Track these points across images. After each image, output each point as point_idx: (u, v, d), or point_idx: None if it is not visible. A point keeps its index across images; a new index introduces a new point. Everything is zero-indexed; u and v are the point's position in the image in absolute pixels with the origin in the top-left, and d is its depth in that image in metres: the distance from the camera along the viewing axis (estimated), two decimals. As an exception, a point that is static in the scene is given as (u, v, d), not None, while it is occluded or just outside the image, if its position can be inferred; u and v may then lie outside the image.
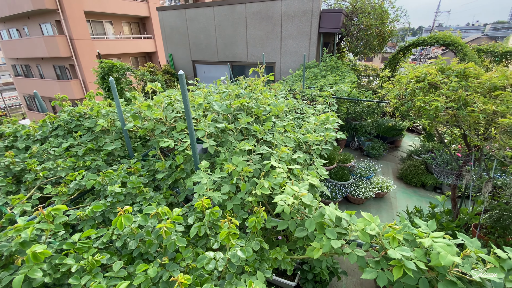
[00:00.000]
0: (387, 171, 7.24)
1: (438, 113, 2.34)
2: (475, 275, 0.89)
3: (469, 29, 54.28)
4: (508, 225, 3.12)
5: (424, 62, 10.57)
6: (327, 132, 2.13)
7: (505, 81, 2.16)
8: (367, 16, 5.82)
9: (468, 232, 3.60)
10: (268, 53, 6.44)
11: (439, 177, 4.30)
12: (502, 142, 1.92)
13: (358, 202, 5.93)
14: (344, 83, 4.16)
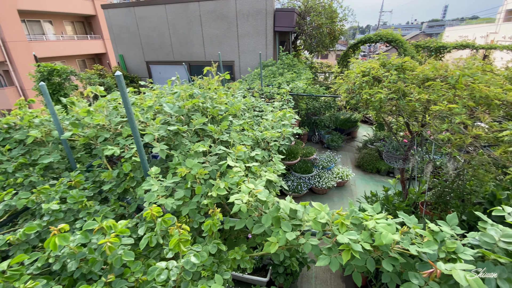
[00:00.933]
0: (346, 160, 7.72)
1: (382, 104, 2.55)
2: (413, 250, 0.96)
3: (409, 27, 60.54)
4: (449, 200, 3.53)
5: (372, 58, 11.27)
6: (283, 128, 2.17)
7: (436, 73, 2.43)
8: (318, 15, 6.10)
9: (416, 210, 4.00)
10: (226, 52, 6.38)
11: (389, 163, 4.73)
12: (435, 127, 2.15)
13: (322, 192, 6.22)
14: (300, 80, 4.31)
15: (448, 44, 8.75)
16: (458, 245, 0.99)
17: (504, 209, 1.24)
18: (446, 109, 2.03)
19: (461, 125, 2.03)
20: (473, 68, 2.49)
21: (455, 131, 2.04)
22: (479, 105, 2.19)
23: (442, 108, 2.05)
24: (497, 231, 1.04)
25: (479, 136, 1.96)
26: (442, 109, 2.06)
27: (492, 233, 1.03)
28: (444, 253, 0.98)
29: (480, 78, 2.40)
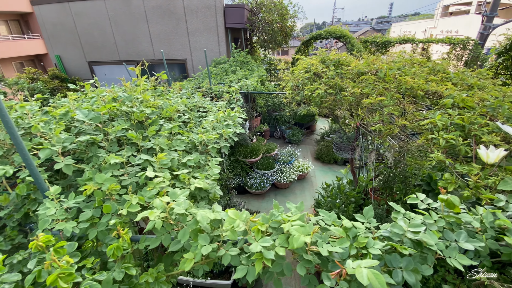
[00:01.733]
0: (306, 153, 7.95)
1: (323, 100, 2.60)
2: (324, 250, 0.94)
3: (360, 23, 64.70)
4: (393, 185, 3.79)
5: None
6: (224, 129, 2.09)
7: (368, 67, 2.54)
8: (269, 12, 6.10)
9: (367, 196, 4.25)
10: (177, 49, 6.09)
11: (339, 154, 4.97)
12: (368, 119, 2.25)
13: (284, 186, 6.32)
14: (252, 77, 4.26)
15: (392, 39, 9.41)
16: (369, 240, 1.00)
17: (418, 197, 1.30)
18: (376, 102, 2.13)
19: (390, 116, 2.15)
20: (400, 61, 2.66)
21: (385, 122, 2.15)
22: (407, 96, 2.34)
23: (372, 101, 2.14)
24: (405, 221, 1.08)
25: (405, 126, 2.09)
26: (372, 102, 2.15)
27: (401, 223, 1.07)
28: (355, 249, 0.97)
29: (407, 70, 2.57)
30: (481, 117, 1.88)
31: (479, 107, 1.86)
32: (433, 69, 2.60)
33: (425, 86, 2.23)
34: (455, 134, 1.75)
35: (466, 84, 2.39)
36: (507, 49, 5.42)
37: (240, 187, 6.05)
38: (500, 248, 1.06)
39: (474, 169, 1.58)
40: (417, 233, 1.00)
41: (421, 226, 1.01)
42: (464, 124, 1.74)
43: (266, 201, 5.91)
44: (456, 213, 1.12)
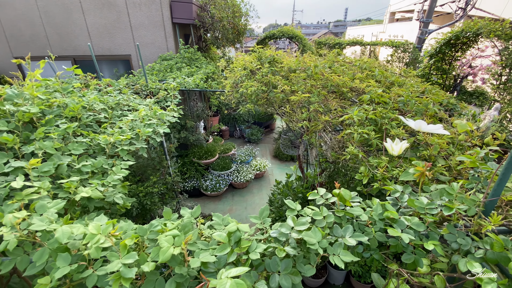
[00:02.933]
0: (265, 152, 7.99)
1: (258, 97, 2.55)
2: (194, 261, 0.84)
3: (319, 26, 67.97)
4: (337, 179, 3.93)
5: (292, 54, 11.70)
6: (138, 129, 1.90)
7: (298, 65, 2.56)
8: (220, 8, 5.96)
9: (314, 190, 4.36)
10: (120, 45, 5.64)
11: (286, 152, 5.09)
12: (298, 116, 2.25)
13: (242, 186, 6.25)
14: (198, 74, 4.09)
15: (343, 41, 9.90)
16: (252, 243, 0.93)
17: (318, 192, 1.28)
18: (301, 99, 2.13)
19: (316, 112, 2.17)
20: (331, 60, 2.73)
21: (311, 119, 2.17)
22: (333, 92, 2.39)
23: (297, 98, 2.14)
24: (294, 219, 1.03)
25: (328, 122, 2.13)
26: (298, 99, 2.15)
27: (289, 221, 1.02)
28: (235, 255, 0.89)
29: (336, 68, 2.64)
30: (395, 111, 1.98)
31: (392, 102, 1.95)
32: (360, 68, 2.70)
33: (350, 83, 2.29)
34: (369, 129, 1.81)
35: (388, 81, 2.53)
36: (437, 52, 5.98)
37: (195, 190, 5.82)
38: (388, 240, 1.06)
39: (383, 162, 1.63)
40: (300, 231, 0.95)
41: (305, 224, 0.97)
42: (377, 119, 1.80)
43: (223, 202, 5.77)
44: (348, 207, 1.12)
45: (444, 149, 1.66)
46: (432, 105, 1.88)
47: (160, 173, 3.82)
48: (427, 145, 1.66)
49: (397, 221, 1.08)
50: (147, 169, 3.82)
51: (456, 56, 6.02)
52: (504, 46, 4.94)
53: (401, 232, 1.03)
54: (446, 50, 5.81)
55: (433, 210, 1.07)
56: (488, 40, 5.20)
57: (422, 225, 1.04)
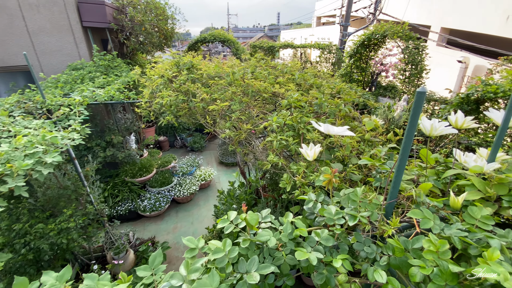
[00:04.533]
0: (210, 160, 7.71)
1: (178, 108, 2.33)
2: None
3: (255, 30, 70.27)
4: (276, 180, 3.95)
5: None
6: (9, 164, 1.49)
7: (218, 71, 2.42)
8: (139, 10, 5.47)
9: (258, 195, 4.33)
10: (14, 53, 4.68)
11: (226, 160, 5.00)
12: (222, 126, 2.11)
13: (186, 200, 5.85)
14: (115, 83, 3.61)
15: (277, 44, 10.26)
16: None
17: (228, 217, 1.14)
18: (220, 109, 2.00)
19: (239, 121, 2.06)
20: (253, 64, 2.68)
21: (236, 127, 2.06)
22: (255, 99, 2.32)
23: (218, 108, 2.00)
24: (187, 264, 0.87)
25: (252, 130, 2.05)
26: (218, 109, 2.01)
27: (182, 269, 0.84)
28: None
29: (259, 74, 2.59)
30: (311, 114, 2.00)
31: (308, 106, 1.97)
32: (282, 71, 2.72)
33: (270, 88, 2.26)
34: (288, 134, 1.77)
35: (308, 84, 2.59)
36: (355, 52, 6.60)
37: (131, 213, 5.20)
38: (299, 262, 0.98)
39: (301, 168, 1.60)
40: (193, 281, 0.79)
41: (198, 271, 0.81)
42: (293, 124, 1.78)
43: (166, 221, 5.30)
44: (254, 232, 1.00)
45: (356, 148, 1.72)
46: (343, 105, 1.95)
47: (77, 204, 3.24)
48: (340, 146, 1.69)
49: (308, 238, 1.01)
50: (60, 200, 3.20)
51: (371, 56, 6.76)
52: (405, 46, 5.72)
53: (311, 251, 0.96)
54: (362, 51, 6.47)
55: (341, 220, 1.04)
56: (393, 40, 5.97)
57: (331, 239, 0.99)
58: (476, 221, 0.97)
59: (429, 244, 0.85)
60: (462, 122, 1.31)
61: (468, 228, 0.94)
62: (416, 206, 1.10)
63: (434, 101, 5.73)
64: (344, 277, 1.13)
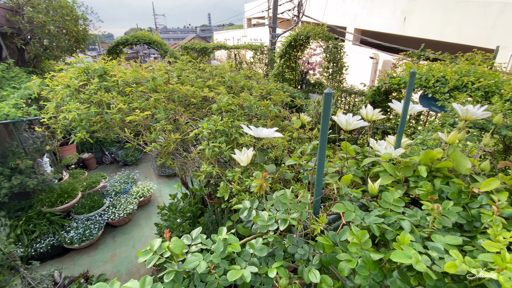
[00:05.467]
0: (148, 172, 7.08)
1: (90, 122, 2.00)
2: None
3: (186, 31, 68.09)
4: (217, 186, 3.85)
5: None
6: None
7: (137, 77, 2.18)
8: (39, 11, 4.61)
9: (205, 203, 4.15)
10: None
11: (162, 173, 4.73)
12: (145, 137, 1.89)
13: (123, 222, 5.22)
14: (10, 98, 2.93)
15: (209, 45, 10.07)
16: None
17: (151, 247, 0.99)
18: (142, 119, 1.79)
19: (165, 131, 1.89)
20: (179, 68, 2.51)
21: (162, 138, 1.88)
22: (183, 105, 2.18)
23: (138, 118, 1.79)
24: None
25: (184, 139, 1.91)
26: (139, 119, 1.80)
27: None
28: None
29: (186, 77, 2.43)
30: (242, 117, 1.96)
31: (239, 109, 1.93)
32: (211, 74, 2.62)
33: (199, 93, 2.14)
34: (221, 141, 1.70)
35: (239, 86, 2.56)
36: (284, 53, 6.94)
37: (55, 248, 4.37)
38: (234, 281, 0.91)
39: (237, 173, 1.55)
40: None
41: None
42: (225, 129, 1.71)
43: (101, 250, 4.63)
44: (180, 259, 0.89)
45: (287, 147, 1.75)
46: (272, 106, 1.98)
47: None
48: (273, 146, 1.70)
49: (242, 252, 0.95)
50: None
51: (298, 56, 7.22)
52: (326, 45, 6.29)
53: (245, 266, 0.90)
54: (290, 51, 6.85)
55: (274, 225, 1.01)
56: (315, 41, 6.49)
57: (265, 249, 0.95)
58: (390, 205, 1.06)
59: (352, 237, 0.88)
60: (371, 115, 1.45)
61: (384, 213, 1.02)
62: (341, 198, 1.16)
63: (354, 94, 6.46)
64: (285, 280, 1.11)
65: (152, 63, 2.92)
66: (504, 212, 0.93)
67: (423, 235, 0.96)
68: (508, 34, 7.77)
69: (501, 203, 0.95)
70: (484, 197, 1.02)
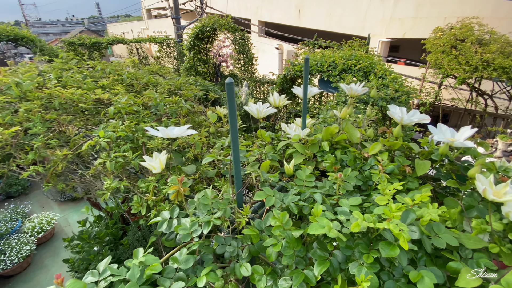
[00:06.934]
0: (45, 200, 5.71)
1: None
2: None
3: (70, 24, 56.93)
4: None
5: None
6: None
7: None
8: None
9: (126, 221, 3.68)
10: None
11: (63, 197, 4.05)
12: (20, 161, 1.46)
13: (20, 269, 4.10)
14: None
15: (103, 40, 8.72)
16: None
17: None
18: (8, 137, 1.37)
19: (46, 148, 1.51)
20: (56, 68, 2.03)
21: (45, 158, 1.50)
22: (74, 113, 1.79)
23: (2, 138, 1.36)
24: None
25: (79, 154, 1.57)
26: (3, 138, 1.37)
27: None
28: None
29: (68, 79, 2.00)
30: (151, 117, 1.76)
31: (142, 110, 1.72)
32: (104, 72, 2.24)
33: (89, 95, 1.79)
34: (125, 148, 1.47)
35: (142, 83, 2.28)
36: (192, 45, 6.66)
37: None
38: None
39: (151, 183, 1.38)
40: None
41: None
42: (128, 134, 1.49)
43: (-9, 313, 3.52)
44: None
45: (206, 143, 1.68)
46: (184, 102, 1.84)
47: None
48: (189, 145, 1.59)
49: (165, 270, 0.84)
50: None
51: (208, 48, 7.07)
52: (233, 37, 6.36)
53: (171, 285, 0.80)
54: (198, 43, 6.62)
55: (198, 231, 0.94)
56: (222, 32, 6.47)
57: (190, 259, 0.87)
58: (304, 182, 1.14)
59: (274, 221, 0.90)
60: (278, 101, 1.53)
61: (299, 191, 1.09)
62: (262, 185, 1.18)
63: (267, 83, 6.83)
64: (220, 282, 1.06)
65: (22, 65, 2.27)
66: (387, 169, 1.13)
67: (332, 202, 1.07)
68: (376, 25, 9.67)
69: (384, 162, 1.15)
70: (372, 159, 1.22)
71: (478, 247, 0.89)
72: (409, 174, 1.14)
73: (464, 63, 4.15)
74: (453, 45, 4.44)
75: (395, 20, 9.15)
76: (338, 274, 0.81)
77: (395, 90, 2.43)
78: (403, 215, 0.89)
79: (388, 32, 9.47)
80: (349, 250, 0.84)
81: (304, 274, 0.82)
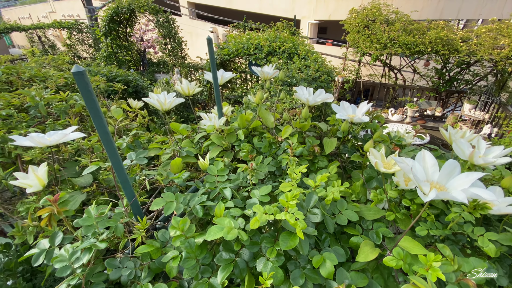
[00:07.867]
0: None
1: None
2: None
3: None
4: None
5: None
6: None
7: None
8: None
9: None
10: None
11: None
12: None
13: None
14: None
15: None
16: None
17: None
18: None
19: None
20: None
21: None
22: None
23: None
24: None
25: None
26: None
27: None
28: None
29: None
30: (31, 122, 1.42)
31: (17, 113, 1.36)
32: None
33: None
34: (-9, 166, 1.14)
35: (24, 79, 1.83)
36: (109, 30, 5.81)
37: None
38: None
39: (32, 204, 1.11)
40: None
41: None
42: None
43: None
44: None
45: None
46: (77, 98, 1.53)
47: None
48: (85, 151, 1.33)
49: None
50: None
51: (129, 32, 6.28)
52: (156, 20, 5.75)
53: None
54: (116, 27, 5.81)
55: (79, 260, 0.76)
56: (142, 14, 5.78)
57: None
58: (216, 177, 1.05)
59: (174, 230, 0.79)
60: (187, 89, 1.38)
61: (209, 188, 0.99)
62: (167, 189, 1.05)
63: (201, 69, 6.48)
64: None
65: None
66: (296, 151, 1.11)
67: (245, 194, 1.01)
68: (304, 7, 9.97)
69: (294, 145, 1.13)
70: (285, 143, 1.19)
71: (377, 217, 0.95)
72: (317, 154, 1.15)
73: (375, 42, 4.60)
74: (366, 25, 4.85)
75: (321, 2, 9.58)
76: (245, 275, 0.76)
77: (316, 70, 2.51)
78: (307, 199, 0.88)
79: (316, 14, 9.90)
80: (256, 246, 0.79)
81: (208, 283, 0.74)
